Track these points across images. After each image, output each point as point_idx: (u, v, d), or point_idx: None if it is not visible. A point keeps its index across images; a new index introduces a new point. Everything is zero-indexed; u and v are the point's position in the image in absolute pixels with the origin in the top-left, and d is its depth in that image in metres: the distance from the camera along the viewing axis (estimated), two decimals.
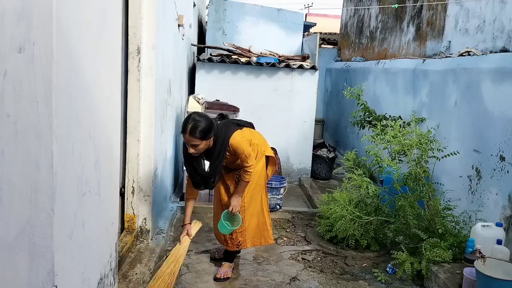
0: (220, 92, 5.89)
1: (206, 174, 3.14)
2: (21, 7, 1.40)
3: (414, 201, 3.64)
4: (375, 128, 4.41)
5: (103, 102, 1.99)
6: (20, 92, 1.43)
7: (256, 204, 3.40)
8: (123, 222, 3.36)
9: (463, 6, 4.66)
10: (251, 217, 3.39)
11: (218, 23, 8.01)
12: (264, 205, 3.46)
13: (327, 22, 14.28)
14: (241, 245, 3.41)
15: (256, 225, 3.44)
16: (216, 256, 3.65)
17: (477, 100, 3.93)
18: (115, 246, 2.32)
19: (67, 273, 1.65)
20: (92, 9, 1.80)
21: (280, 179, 4.95)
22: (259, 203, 3.43)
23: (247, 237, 3.40)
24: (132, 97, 3.23)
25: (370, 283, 3.45)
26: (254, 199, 3.38)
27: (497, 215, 3.53)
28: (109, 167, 2.12)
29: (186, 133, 2.88)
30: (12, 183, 1.46)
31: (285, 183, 4.89)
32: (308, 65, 6.19)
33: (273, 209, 4.70)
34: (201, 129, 2.86)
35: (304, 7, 20.80)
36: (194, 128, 2.86)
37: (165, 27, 3.80)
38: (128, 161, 3.29)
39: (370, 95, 6.48)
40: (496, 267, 2.80)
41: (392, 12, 6.79)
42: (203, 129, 2.87)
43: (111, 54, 2.07)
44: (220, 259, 3.58)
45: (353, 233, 3.82)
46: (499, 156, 3.55)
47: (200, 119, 2.90)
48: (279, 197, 4.83)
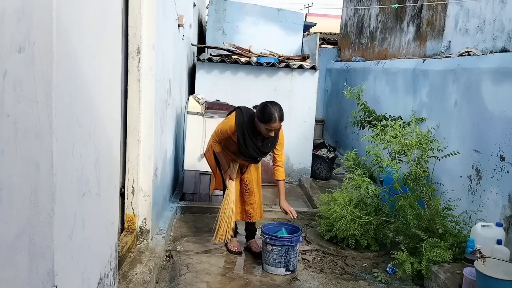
0: (220, 92, 5.88)
1: (264, 150, 3.54)
2: (21, 7, 1.40)
3: (414, 201, 3.64)
4: (375, 128, 4.41)
5: (103, 102, 1.99)
6: (20, 92, 1.43)
7: (259, 181, 3.85)
8: (123, 222, 3.36)
9: (463, 6, 4.66)
10: (259, 193, 3.83)
11: (218, 23, 8.01)
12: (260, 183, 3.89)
13: (327, 22, 14.27)
14: (253, 217, 3.78)
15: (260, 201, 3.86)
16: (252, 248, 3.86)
17: (477, 100, 3.93)
18: (115, 246, 2.32)
19: (67, 273, 1.65)
20: (92, 9, 1.80)
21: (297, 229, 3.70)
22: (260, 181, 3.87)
23: (257, 210, 3.80)
24: (132, 97, 3.23)
25: (370, 283, 3.45)
26: (259, 177, 3.84)
27: (497, 215, 3.53)
28: (109, 167, 2.12)
29: (277, 120, 3.28)
30: (12, 183, 1.46)
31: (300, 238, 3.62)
32: (308, 65, 6.18)
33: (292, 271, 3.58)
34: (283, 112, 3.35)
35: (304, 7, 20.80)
36: (282, 114, 3.33)
37: (165, 27, 3.80)
38: (128, 161, 3.28)
39: (370, 95, 6.48)
40: (496, 267, 2.80)
41: (392, 12, 6.78)
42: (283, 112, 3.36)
43: (111, 54, 2.07)
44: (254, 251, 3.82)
45: (353, 233, 3.82)
46: (499, 156, 3.55)
47: (278, 104, 3.36)
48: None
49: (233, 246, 3.83)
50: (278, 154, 3.63)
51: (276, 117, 3.27)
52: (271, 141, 3.51)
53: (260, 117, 3.30)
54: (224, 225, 3.64)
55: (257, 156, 3.56)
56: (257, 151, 3.49)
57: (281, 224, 3.82)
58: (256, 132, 3.43)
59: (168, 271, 3.44)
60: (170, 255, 3.68)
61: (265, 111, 3.29)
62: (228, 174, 3.69)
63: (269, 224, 3.73)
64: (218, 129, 3.59)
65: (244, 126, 3.43)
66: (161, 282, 3.24)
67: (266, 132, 3.35)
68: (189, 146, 4.94)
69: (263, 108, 3.32)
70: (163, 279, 3.28)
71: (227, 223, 3.64)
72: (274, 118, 3.27)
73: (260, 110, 3.33)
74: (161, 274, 3.35)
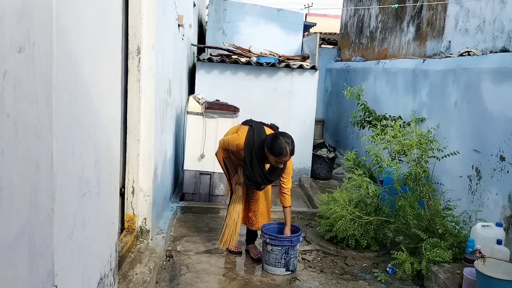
0: (220, 92, 5.88)
1: (270, 178, 3.45)
2: (21, 7, 1.40)
3: (414, 201, 3.64)
4: (375, 128, 4.41)
5: (103, 102, 1.99)
6: (20, 92, 1.43)
7: (267, 189, 3.73)
8: (123, 222, 3.35)
9: (463, 6, 4.66)
10: (264, 201, 3.75)
11: (218, 23, 8.01)
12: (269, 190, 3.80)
13: (327, 22, 14.27)
14: (254, 225, 3.73)
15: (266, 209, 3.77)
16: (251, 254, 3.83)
17: (477, 100, 3.93)
18: (115, 246, 2.32)
19: (67, 273, 1.65)
20: (92, 9, 1.79)
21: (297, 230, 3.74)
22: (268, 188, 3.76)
23: (259, 219, 3.73)
24: (132, 97, 3.22)
25: (370, 283, 3.45)
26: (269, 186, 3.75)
27: (497, 215, 3.53)
28: (109, 167, 2.12)
29: (290, 154, 3.23)
30: (12, 183, 1.46)
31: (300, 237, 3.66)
32: (308, 65, 6.18)
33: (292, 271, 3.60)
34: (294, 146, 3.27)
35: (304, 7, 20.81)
36: (294, 149, 3.26)
37: (165, 27, 3.80)
38: (128, 161, 3.28)
39: (370, 95, 6.48)
40: (496, 267, 2.80)
41: (392, 12, 6.78)
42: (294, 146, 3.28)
43: (111, 54, 2.07)
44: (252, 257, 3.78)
45: (353, 233, 3.82)
46: (499, 156, 3.55)
47: (291, 138, 3.27)
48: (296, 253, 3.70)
49: (233, 246, 3.81)
50: (284, 181, 3.55)
51: (288, 151, 3.20)
52: (279, 171, 3.43)
53: (271, 149, 3.23)
54: (229, 230, 3.62)
55: (262, 183, 3.47)
56: (263, 177, 3.41)
57: (281, 224, 3.82)
58: (265, 157, 3.35)
59: (168, 271, 3.44)
60: (170, 255, 3.68)
61: (275, 144, 3.20)
62: (235, 179, 3.66)
63: (269, 224, 3.73)
64: (227, 140, 3.52)
65: (253, 150, 3.35)
66: (161, 282, 3.24)
67: (276, 164, 3.31)
68: (189, 146, 4.95)
69: (274, 140, 3.23)
70: (163, 279, 3.28)
71: (232, 229, 3.62)
72: (286, 152, 3.20)
73: (271, 142, 3.24)
74: (161, 274, 3.35)
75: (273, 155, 3.24)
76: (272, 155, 3.24)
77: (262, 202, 3.73)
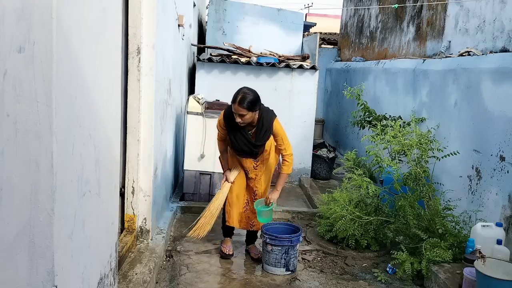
0: (220, 92, 5.87)
1: (255, 143, 3.43)
2: (21, 7, 1.40)
3: (414, 201, 3.64)
4: (375, 128, 4.41)
5: (103, 102, 1.99)
6: (20, 92, 1.43)
7: (268, 189, 3.75)
8: (123, 222, 3.36)
9: (463, 6, 4.66)
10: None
11: (218, 23, 8.00)
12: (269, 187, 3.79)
13: (327, 22, 14.27)
14: (254, 226, 3.72)
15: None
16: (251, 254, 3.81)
17: (477, 100, 3.93)
18: (115, 246, 2.32)
19: (67, 273, 1.65)
20: (92, 9, 1.79)
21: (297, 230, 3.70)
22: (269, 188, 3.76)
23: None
24: (132, 97, 3.22)
25: (370, 283, 3.45)
26: (268, 184, 3.76)
27: (497, 215, 3.53)
28: (109, 167, 2.12)
29: (236, 102, 3.21)
30: (12, 183, 1.46)
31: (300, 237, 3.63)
32: (308, 65, 6.18)
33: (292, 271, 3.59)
34: (249, 100, 3.21)
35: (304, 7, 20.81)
36: (243, 99, 3.20)
37: (165, 27, 3.80)
38: (128, 161, 3.28)
39: (370, 95, 6.48)
40: (496, 267, 2.80)
41: (392, 12, 6.78)
42: (250, 100, 3.22)
43: (111, 54, 2.07)
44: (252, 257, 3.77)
45: (353, 233, 3.82)
46: (499, 156, 3.55)
47: (249, 92, 3.27)
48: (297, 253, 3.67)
49: (225, 248, 3.74)
50: (282, 148, 3.52)
51: (237, 99, 3.21)
52: (261, 134, 3.40)
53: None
54: (203, 221, 3.58)
55: (249, 150, 3.47)
56: (247, 143, 3.43)
57: (281, 224, 3.82)
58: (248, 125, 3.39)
59: (168, 271, 3.44)
60: (170, 255, 3.68)
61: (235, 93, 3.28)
62: (226, 175, 3.66)
63: (269, 224, 3.73)
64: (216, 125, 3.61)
65: (228, 118, 3.39)
66: (161, 282, 3.24)
67: (236, 119, 3.27)
68: (189, 146, 4.95)
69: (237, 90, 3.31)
70: (163, 279, 3.28)
71: (207, 220, 3.58)
72: (234, 99, 3.23)
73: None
74: (161, 274, 3.35)
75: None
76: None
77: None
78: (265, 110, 3.46)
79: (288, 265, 3.49)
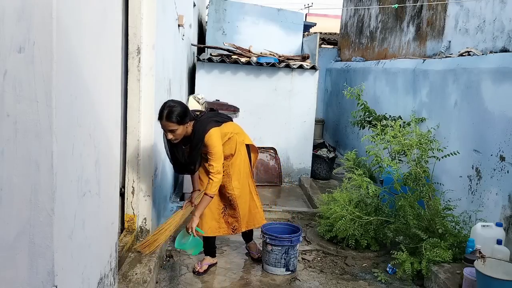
0: (220, 92, 5.89)
1: (184, 162, 3.23)
2: (21, 7, 1.40)
3: (414, 201, 3.64)
4: (375, 128, 4.41)
5: (103, 102, 1.99)
6: (20, 92, 1.43)
7: (245, 191, 3.50)
8: (123, 222, 3.35)
9: (463, 6, 4.66)
10: (244, 205, 3.50)
11: (218, 23, 8.00)
12: (252, 189, 3.57)
13: (327, 22, 14.27)
14: (236, 229, 3.52)
15: (248, 210, 3.55)
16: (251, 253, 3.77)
17: (477, 100, 3.93)
18: (115, 246, 2.32)
19: (67, 273, 1.65)
20: (92, 9, 1.80)
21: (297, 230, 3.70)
22: (247, 189, 3.53)
23: (242, 222, 3.52)
24: (132, 97, 3.22)
25: (370, 283, 3.45)
26: (243, 186, 3.48)
27: (497, 215, 3.53)
28: (109, 167, 2.12)
29: (163, 119, 2.96)
30: (12, 183, 1.46)
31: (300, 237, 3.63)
32: (308, 65, 6.18)
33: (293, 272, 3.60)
34: (177, 113, 2.95)
35: (304, 7, 20.82)
36: (170, 113, 2.94)
37: (165, 27, 3.80)
38: (128, 161, 3.28)
39: (370, 95, 6.48)
40: (496, 267, 2.80)
41: (392, 12, 6.78)
42: (178, 113, 2.96)
43: (111, 54, 2.07)
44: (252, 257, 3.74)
45: (353, 233, 3.82)
46: (499, 156, 3.55)
47: (175, 104, 3.01)
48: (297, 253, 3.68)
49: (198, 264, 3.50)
50: (209, 163, 3.15)
51: (163, 114, 2.94)
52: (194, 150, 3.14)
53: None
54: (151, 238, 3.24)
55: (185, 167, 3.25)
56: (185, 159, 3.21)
57: (281, 224, 3.82)
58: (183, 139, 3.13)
59: (168, 271, 3.44)
60: (170, 255, 3.68)
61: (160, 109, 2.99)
62: (192, 196, 3.42)
63: (269, 224, 3.73)
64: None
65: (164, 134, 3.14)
66: (161, 282, 3.24)
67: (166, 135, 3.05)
68: None
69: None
70: (163, 279, 3.28)
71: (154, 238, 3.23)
72: (160, 115, 2.96)
73: None
74: (161, 274, 3.35)
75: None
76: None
77: (243, 207, 3.47)
78: (201, 121, 3.15)
79: (288, 265, 3.49)
